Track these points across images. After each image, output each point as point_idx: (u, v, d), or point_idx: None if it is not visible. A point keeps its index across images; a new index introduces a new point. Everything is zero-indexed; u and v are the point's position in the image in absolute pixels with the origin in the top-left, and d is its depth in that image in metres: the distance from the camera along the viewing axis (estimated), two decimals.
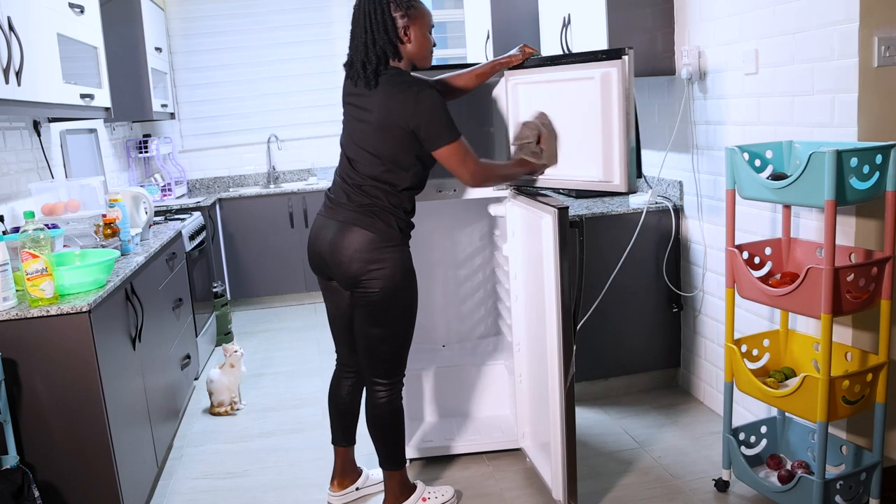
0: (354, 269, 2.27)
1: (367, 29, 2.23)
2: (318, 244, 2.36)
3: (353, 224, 2.27)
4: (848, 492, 2.24)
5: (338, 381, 2.64)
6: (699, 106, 3.09)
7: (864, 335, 2.40)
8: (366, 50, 2.23)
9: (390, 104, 2.20)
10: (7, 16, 2.40)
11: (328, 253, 2.32)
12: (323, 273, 2.42)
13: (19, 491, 2.05)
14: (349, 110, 2.32)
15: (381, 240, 2.26)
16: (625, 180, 2.39)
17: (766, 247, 2.51)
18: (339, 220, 2.30)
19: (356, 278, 2.28)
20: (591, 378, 3.41)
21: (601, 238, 3.26)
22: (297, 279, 5.51)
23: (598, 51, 2.37)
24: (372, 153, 2.25)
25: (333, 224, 2.31)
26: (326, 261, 2.34)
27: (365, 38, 2.23)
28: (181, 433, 3.39)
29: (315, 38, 5.93)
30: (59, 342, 2.17)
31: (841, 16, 2.26)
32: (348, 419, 2.65)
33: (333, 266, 2.32)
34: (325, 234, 2.33)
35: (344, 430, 2.65)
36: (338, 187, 2.35)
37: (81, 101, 3.10)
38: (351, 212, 2.28)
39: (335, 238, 2.29)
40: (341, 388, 2.63)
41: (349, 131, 2.32)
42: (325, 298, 2.51)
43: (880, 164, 2.09)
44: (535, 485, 2.72)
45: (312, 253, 2.40)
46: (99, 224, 2.91)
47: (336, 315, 2.51)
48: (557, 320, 2.33)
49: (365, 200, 2.27)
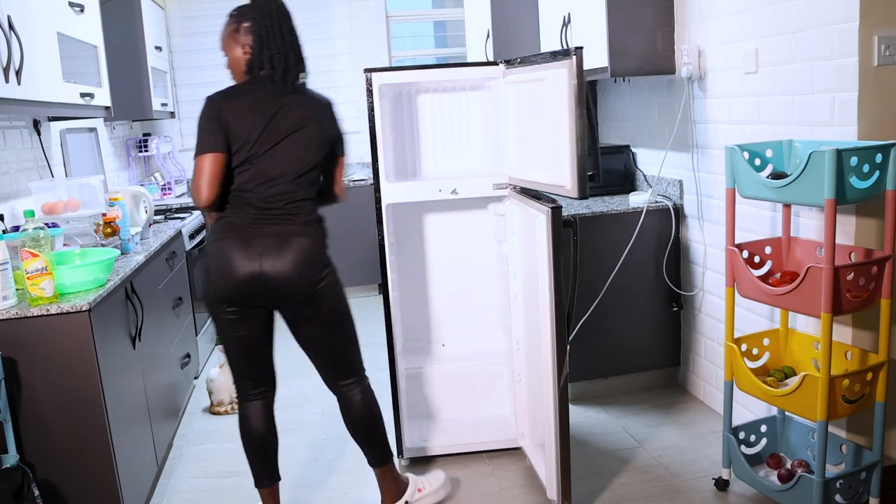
0: (306, 281, 2.20)
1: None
2: (247, 270, 2.16)
3: (296, 236, 2.20)
4: (848, 491, 2.24)
5: (247, 415, 2.41)
6: (699, 105, 3.09)
7: (863, 334, 2.40)
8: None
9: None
10: (7, 15, 2.40)
11: (271, 275, 2.16)
12: (246, 301, 2.22)
13: (19, 490, 2.05)
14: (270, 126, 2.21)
15: (322, 245, 2.27)
16: (576, 185, 2.32)
17: (766, 246, 2.51)
18: (276, 237, 2.18)
19: (311, 289, 2.22)
20: (591, 377, 3.41)
21: (601, 237, 3.26)
22: None
23: (552, 52, 2.31)
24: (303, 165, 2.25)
25: (268, 242, 2.17)
26: (265, 283, 2.18)
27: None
28: (181, 432, 3.39)
29: (315, 38, 5.92)
30: (59, 341, 2.17)
31: (841, 15, 2.26)
32: (271, 450, 2.43)
33: (280, 286, 2.19)
34: (256, 258, 2.16)
35: (271, 464, 2.43)
36: (255, 209, 2.20)
37: (81, 99, 3.10)
38: (289, 226, 2.21)
39: (279, 256, 2.17)
40: (252, 419, 2.40)
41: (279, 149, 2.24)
42: (233, 330, 2.27)
43: (880, 163, 2.09)
44: (534, 484, 2.72)
45: (237, 282, 2.17)
46: (99, 223, 2.91)
47: (252, 341, 2.32)
48: (551, 319, 2.33)
49: (296, 211, 2.23)
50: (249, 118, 2.15)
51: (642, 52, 3.20)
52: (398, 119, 3.04)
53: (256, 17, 2.20)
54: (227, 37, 2.25)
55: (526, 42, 4.02)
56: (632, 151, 3.69)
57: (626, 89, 3.73)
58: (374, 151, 2.69)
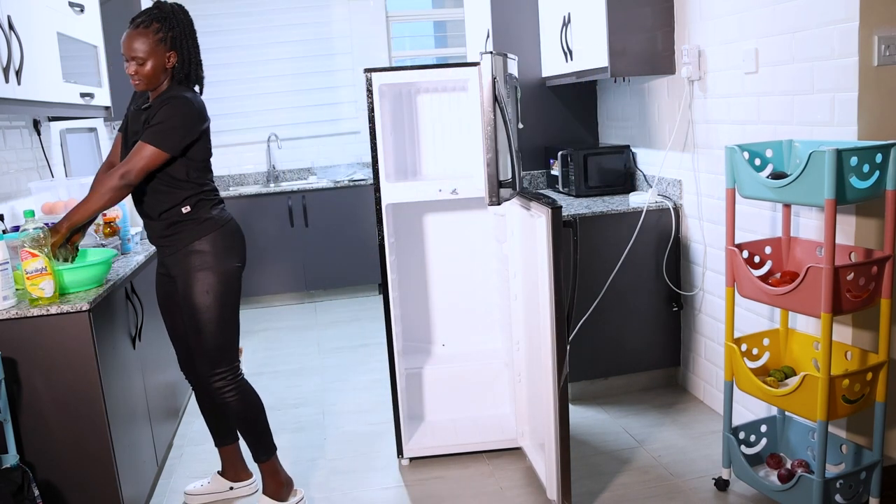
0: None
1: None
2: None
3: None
4: (848, 491, 2.24)
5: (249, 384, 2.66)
6: (699, 105, 3.09)
7: (863, 334, 2.40)
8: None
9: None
10: (7, 15, 2.40)
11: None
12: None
13: (19, 490, 2.05)
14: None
15: None
16: (486, 191, 2.40)
17: (766, 246, 2.51)
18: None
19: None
20: (591, 377, 3.41)
21: (601, 237, 3.26)
22: (297, 278, 5.51)
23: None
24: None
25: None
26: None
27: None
28: (181, 432, 3.39)
29: (315, 38, 5.92)
30: (59, 341, 2.16)
31: (841, 15, 2.26)
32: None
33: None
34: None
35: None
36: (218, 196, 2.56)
37: (81, 99, 3.10)
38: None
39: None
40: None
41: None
42: (239, 295, 2.52)
43: (880, 163, 2.09)
44: (534, 484, 2.72)
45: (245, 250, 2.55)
46: (99, 223, 2.91)
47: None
48: (551, 319, 2.33)
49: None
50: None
51: (642, 52, 3.20)
52: (398, 119, 3.04)
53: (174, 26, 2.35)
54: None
55: (526, 42, 4.03)
56: (632, 151, 3.69)
57: (626, 89, 3.73)
58: (374, 151, 2.69)
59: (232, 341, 2.47)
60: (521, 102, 3.73)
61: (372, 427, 3.30)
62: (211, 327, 2.40)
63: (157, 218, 2.40)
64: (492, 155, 2.38)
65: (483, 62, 2.32)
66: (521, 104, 3.70)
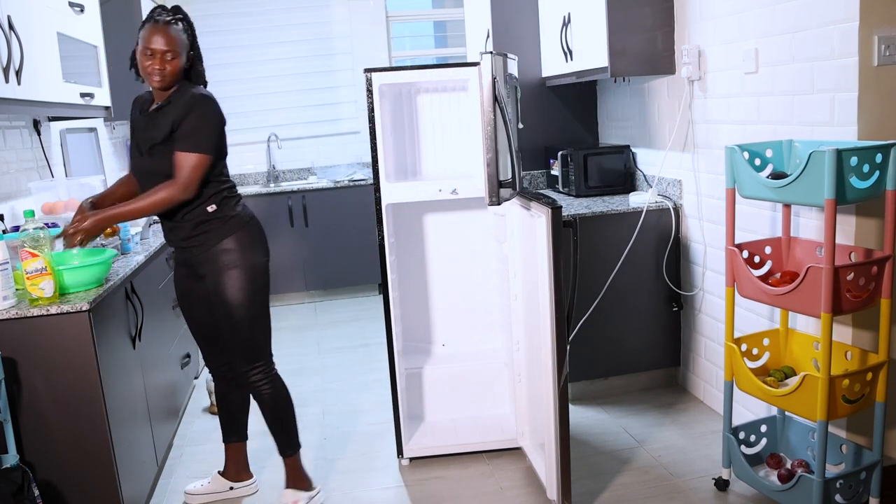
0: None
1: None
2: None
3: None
4: (848, 491, 2.24)
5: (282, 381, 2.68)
6: (699, 105, 3.09)
7: (863, 334, 2.40)
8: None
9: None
10: (7, 15, 2.40)
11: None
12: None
13: (19, 490, 2.05)
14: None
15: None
16: (486, 191, 2.40)
17: (766, 246, 2.51)
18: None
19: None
20: (591, 377, 3.41)
21: (601, 237, 3.26)
22: (297, 279, 5.51)
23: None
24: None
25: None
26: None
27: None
28: (181, 432, 3.39)
29: (315, 38, 5.92)
30: (59, 341, 2.16)
31: (841, 15, 2.26)
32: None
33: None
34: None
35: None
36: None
37: (81, 99, 3.10)
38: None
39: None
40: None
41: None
42: (267, 292, 2.54)
43: (880, 163, 2.09)
44: (534, 484, 2.72)
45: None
46: None
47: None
48: (551, 319, 2.33)
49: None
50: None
51: (642, 52, 3.20)
52: (398, 119, 3.04)
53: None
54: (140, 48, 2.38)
55: (526, 42, 4.03)
56: (632, 151, 3.69)
57: (626, 89, 3.73)
58: (374, 151, 2.69)
59: (266, 334, 2.52)
60: (521, 102, 3.73)
61: (372, 427, 3.31)
62: (246, 323, 2.44)
63: (181, 220, 2.40)
64: (492, 155, 2.39)
65: (483, 62, 2.33)
66: (521, 104, 3.69)
